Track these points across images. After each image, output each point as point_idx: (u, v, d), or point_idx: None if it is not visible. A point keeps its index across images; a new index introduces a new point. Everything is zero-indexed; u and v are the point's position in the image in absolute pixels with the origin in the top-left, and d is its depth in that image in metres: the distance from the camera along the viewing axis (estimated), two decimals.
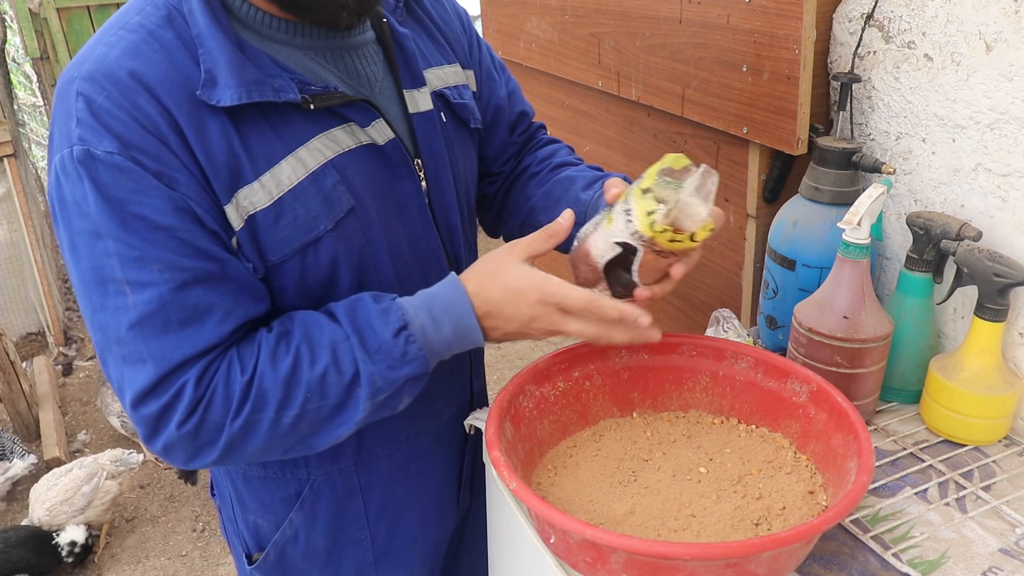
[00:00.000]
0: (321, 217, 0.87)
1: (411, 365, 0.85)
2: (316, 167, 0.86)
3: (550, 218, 1.08)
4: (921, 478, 0.97)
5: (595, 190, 1.07)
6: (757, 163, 1.31)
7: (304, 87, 0.85)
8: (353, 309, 0.86)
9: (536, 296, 0.84)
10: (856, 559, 0.85)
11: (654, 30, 1.43)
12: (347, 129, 0.90)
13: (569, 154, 1.20)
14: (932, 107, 1.09)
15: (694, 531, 0.84)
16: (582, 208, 1.06)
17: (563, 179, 1.12)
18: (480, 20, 2.15)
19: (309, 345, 0.83)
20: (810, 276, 1.15)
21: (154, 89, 0.79)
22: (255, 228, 0.84)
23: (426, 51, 1.04)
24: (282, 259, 0.86)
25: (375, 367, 0.83)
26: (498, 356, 3.50)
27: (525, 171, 1.19)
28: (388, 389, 0.85)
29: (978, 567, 0.83)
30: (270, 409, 0.81)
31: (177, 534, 2.62)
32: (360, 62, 0.95)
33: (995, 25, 0.98)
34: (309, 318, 0.86)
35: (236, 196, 0.82)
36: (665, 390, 1.04)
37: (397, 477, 1.07)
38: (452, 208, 1.03)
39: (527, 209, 1.16)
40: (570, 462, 0.96)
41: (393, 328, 0.84)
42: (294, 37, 0.89)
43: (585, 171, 1.12)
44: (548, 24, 1.78)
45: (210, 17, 0.82)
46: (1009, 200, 1.02)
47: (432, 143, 1.00)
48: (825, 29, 1.22)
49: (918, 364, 1.08)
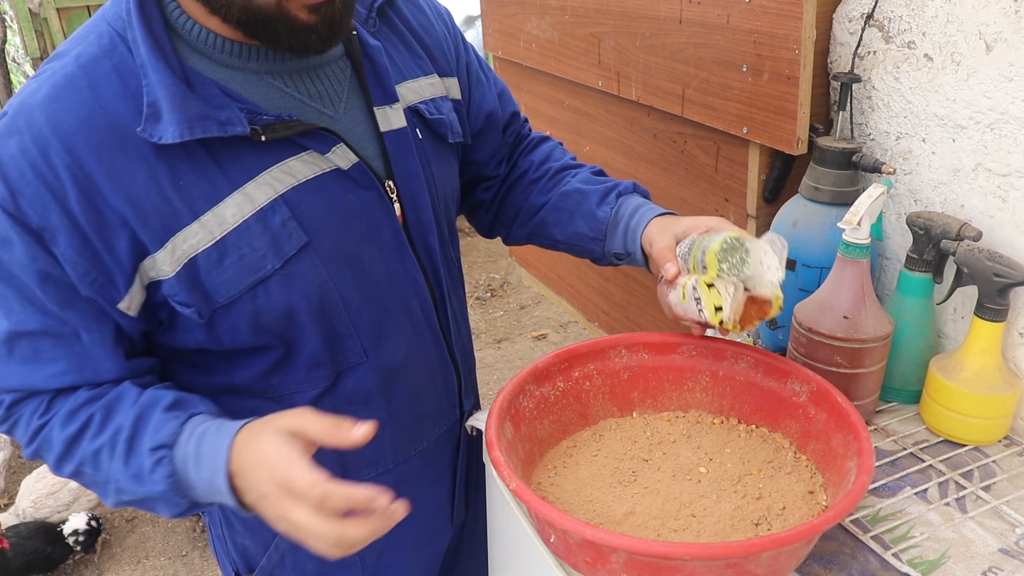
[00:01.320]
0: (268, 256, 0.84)
1: (156, 486, 0.81)
2: (264, 203, 0.83)
3: (564, 232, 1.12)
4: (921, 478, 0.97)
5: (610, 204, 1.08)
6: (757, 163, 1.31)
7: (255, 117, 0.82)
8: (152, 404, 0.84)
9: (267, 471, 0.73)
10: (856, 559, 0.85)
11: (654, 30, 1.43)
12: (305, 158, 0.86)
13: (563, 154, 1.19)
14: (932, 107, 1.09)
15: (694, 531, 0.84)
16: (600, 227, 1.08)
17: (573, 192, 1.10)
18: (480, 20, 2.15)
19: (102, 418, 0.84)
20: (810, 276, 1.15)
21: (70, 139, 0.77)
22: (196, 270, 0.83)
23: (401, 63, 1.00)
24: (230, 299, 0.85)
25: (125, 471, 0.82)
26: (498, 356, 3.50)
27: (523, 176, 1.16)
28: (129, 495, 0.84)
29: (978, 567, 0.83)
30: (51, 457, 0.86)
31: (177, 534, 2.62)
32: (324, 81, 0.91)
33: (995, 25, 0.98)
34: (123, 393, 0.85)
35: (173, 240, 0.81)
36: (665, 390, 1.04)
37: None
38: (430, 228, 0.99)
39: (536, 221, 1.14)
40: (570, 462, 0.96)
41: (155, 442, 0.81)
42: (248, 61, 0.85)
43: (591, 181, 1.11)
44: (548, 24, 1.78)
45: (152, 47, 0.79)
46: (1009, 200, 1.02)
47: (406, 162, 0.96)
48: (825, 29, 1.22)
49: (918, 364, 1.08)
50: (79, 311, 0.82)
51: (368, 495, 0.70)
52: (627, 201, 1.08)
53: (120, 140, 0.78)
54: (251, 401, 0.96)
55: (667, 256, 0.97)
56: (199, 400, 0.87)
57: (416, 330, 1.00)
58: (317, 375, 0.94)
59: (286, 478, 0.71)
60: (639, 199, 1.09)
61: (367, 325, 0.94)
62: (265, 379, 0.94)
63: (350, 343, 0.94)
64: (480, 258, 4.45)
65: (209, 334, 0.88)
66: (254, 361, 0.92)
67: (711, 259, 0.87)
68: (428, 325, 1.02)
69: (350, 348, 0.94)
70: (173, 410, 0.83)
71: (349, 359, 0.95)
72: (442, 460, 1.12)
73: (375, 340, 0.96)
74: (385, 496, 0.71)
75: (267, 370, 0.93)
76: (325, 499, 0.70)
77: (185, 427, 0.81)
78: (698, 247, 0.92)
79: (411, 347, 1.00)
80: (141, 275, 0.82)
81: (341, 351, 0.94)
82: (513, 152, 1.19)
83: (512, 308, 3.92)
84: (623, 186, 1.10)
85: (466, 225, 4.77)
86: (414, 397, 1.03)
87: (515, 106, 1.19)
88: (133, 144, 0.78)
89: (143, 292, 0.84)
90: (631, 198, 1.08)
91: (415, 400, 1.03)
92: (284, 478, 0.72)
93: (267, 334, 0.89)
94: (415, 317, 1.00)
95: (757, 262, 0.85)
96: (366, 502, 0.70)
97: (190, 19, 0.82)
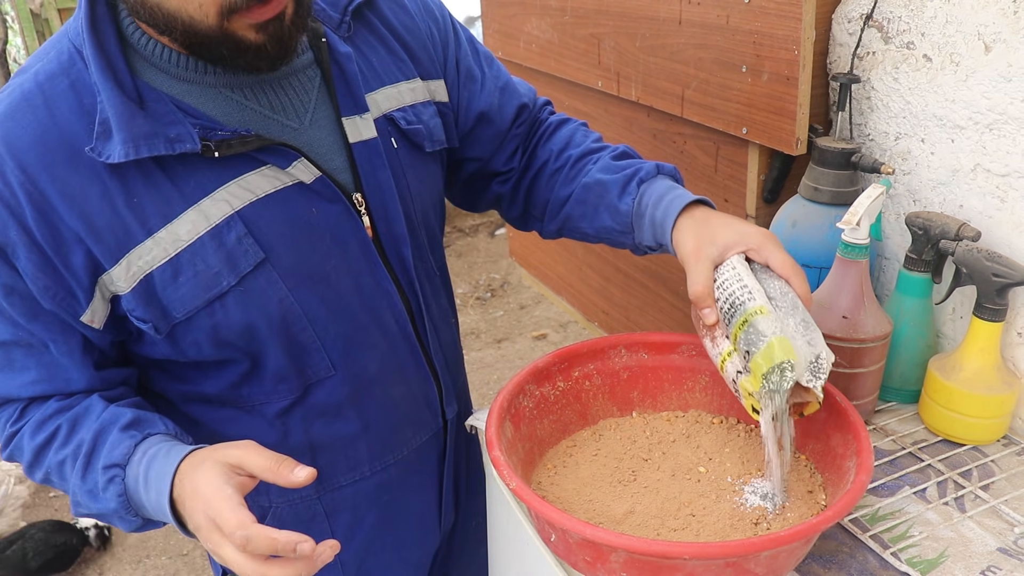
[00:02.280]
0: (223, 273, 0.84)
1: (108, 503, 0.83)
2: (219, 220, 0.83)
3: (592, 226, 1.05)
4: (920, 477, 0.97)
5: (631, 195, 1.00)
6: (756, 163, 1.32)
7: (210, 133, 0.81)
8: (112, 421, 0.85)
9: (201, 505, 0.75)
10: (855, 558, 0.86)
11: (654, 31, 1.43)
12: (265, 172, 0.85)
13: (585, 138, 1.11)
14: (931, 107, 1.09)
15: (693, 530, 0.84)
16: (625, 220, 1.01)
17: (593, 184, 1.04)
18: (480, 20, 2.15)
19: (68, 430, 0.86)
20: (809, 276, 1.15)
21: (24, 156, 0.78)
22: (152, 286, 0.83)
23: (380, 67, 0.97)
24: (187, 315, 0.85)
25: (82, 485, 0.84)
26: (498, 356, 3.50)
27: (544, 167, 1.10)
28: (86, 509, 0.86)
29: (977, 566, 0.83)
30: (23, 463, 0.89)
31: (178, 533, 2.61)
32: (290, 92, 0.89)
33: (994, 26, 0.99)
34: (90, 407, 0.87)
35: (128, 257, 0.81)
36: (664, 390, 1.04)
37: (365, 505, 1.05)
38: (403, 239, 0.97)
39: (563, 215, 1.08)
40: (570, 461, 0.96)
41: (109, 460, 0.82)
42: (205, 75, 0.83)
43: (612, 168, 1.04)
44: (548, 25, 1.78)
45: (102, 65, 0.79)
46: (1008, 200, 1.02)
47: (376, 173, 0.93)
48: (824, 30, 1.22)
49: (917, 364, 1.08)
50: (44, 323, 0.84)
51: (290, 540, 0.71)
52: (650, 189, 1.00)
53: (73, 158, 0.78)
54: (223, 410, 0.96)
55: (705, 301, 0.89)
56: (158, 419, 0.88)
57: (390, 342, 0.99)
58: (284, 387, 0.94)
59: (216, 515, 0.73)
60: (663, 185, 1.00)
61: (334, 339, 0.93)
62: (234, 389, 0.94)
63: (317, 357, 0.93)
64: (480, 258, 4.45)
65: (172, 347, 0.88)
66: (222, 372, 0.93)
67: (755, 374, 0.82)
68: (404, 337, 1.00)
69: (317, 362, 0.94)
70: (130, 429, 0.84)
71: (317, 372, 0.94)
72: (426, 467, 1.10)
73: (344, 353, 0.95)
74: (307, 542, 0.71)
75: (235, 381, 0.93)
76: (248, 541, 0.71)
77: (139, 447, 0.83)
78: (739, 328, 0.85)
79: (385, 359, 0.99)
80: (101, 289, 0.83)
81: (308, 364, 0.93)
82: (528, 142, 1.13)
83: (512, 308, 3.92)
84: (645, 171, 1.02)
85: (466, 225, 4.77)
86: (390, 408, 1.02)
87: (522, 98, 1.12)
88: (86, 162, 0.78)
89: (107, 305, 0.84)
90: (654, 184, 1.00)
91: (391, 410, 1.02)
92: (215, 515, 0.73)
93: (229, 348, 0.89)
94: (389, 329, 0.98)
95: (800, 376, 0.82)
96: (288, 547, 0.71)
97: (145, 34, 0.82)
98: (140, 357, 0.92)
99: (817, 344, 0.83)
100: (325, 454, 1.00)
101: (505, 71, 1.14)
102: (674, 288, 1.60)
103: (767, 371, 0.81)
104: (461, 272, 4.27)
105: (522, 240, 2.27)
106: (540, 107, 1.16)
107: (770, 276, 0.90)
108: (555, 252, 2.08)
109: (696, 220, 0.95)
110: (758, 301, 0.85)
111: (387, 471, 1.05)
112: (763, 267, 0.91)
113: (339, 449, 1.01)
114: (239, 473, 0.76)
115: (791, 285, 0.88)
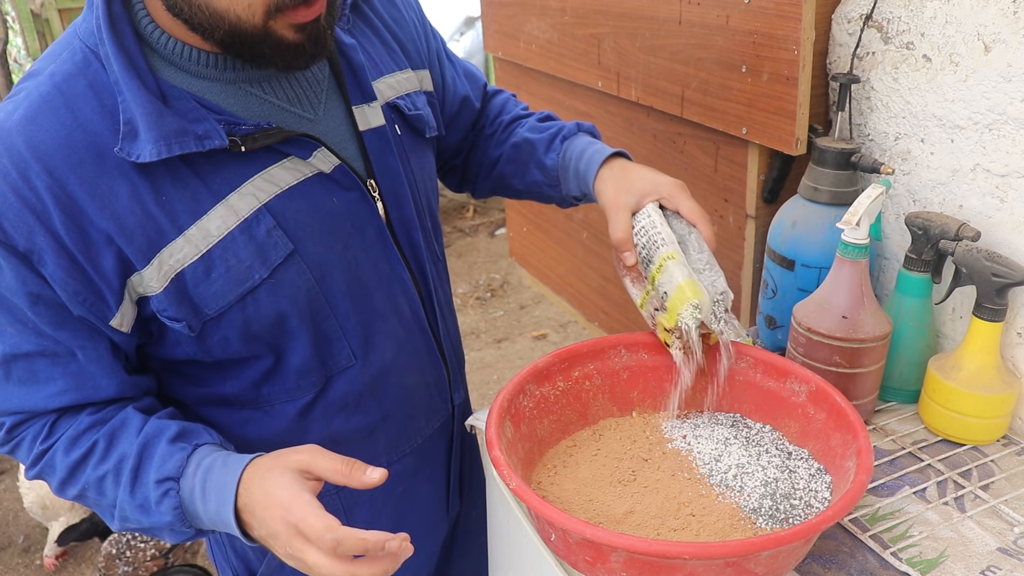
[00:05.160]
0: (255, 266, 0.84)
1: (163, 517, 0.82)
2: (248, 214, 0.83)
3: (523, 182, 1.18)
4: (920, 477, 0.97)
5: (556, 151, 1.12)
6: (756, 163, 1.32)
7: (234, 128, 0.82)
8: (157, 434, 0.84)
9: (279, 512, 0.75)
10: (855, 558, 0.86)
11: (654, 31, 1.43)
12: (287, 164, 0.86)
13: (515, 106, 1.23)
14: (931, 108, 1.09)
15: (693, 530, 0.84)
16: (552, 173, 1.13)
17: (522, 143, 1.15)
18: (480, 20, 2.16)
19: (106, 445, 0.85)
20: (809, 276, 1.15)
21: (50, 159, 0.77)
22: (184, 284, 0.83)
23: (377, 58, 0.99)
24: (220, 311, 0.85)
25: (131, 500, 0.83)
26: (498, 356, 3.50)
27: (481, 132, 1.20)
28: (135, 524, 0.85)
29: (976, 566, 0.83)
30: (54, 481, 0.87)
31: None
32: (303, 84, 0.90)
33: (993, 26, 0.99)
34: (127, 420, 0.86)
35: (160, 256, 0.81)
36: (665, 389, 1.04)
37: (383, 498, 1.06)
38: (413, 224, 0.99)
39: (496, 174, 1.19)
40: (570, 461, 0.96)
41: (161, 474, 0.81)
42: (224, 72, 0.84)
43: (538, 129, 1.16)
44: (548, 25, 1.78)
45: (125, 63, 0.78)
46: (1007, 200, 1.02)
47: (386, 160, 0.96)
48: (824, 30, 1.22)
49: (917, 364, 1.08)
50: (72, 330, 0.82)
51: (379, 539, 0.72)
52: (572, 144, 1.12)
53: (100, 158, 0.78)
54: (242, 412, 0.96)
55: (625, 245, 1.00)
56: (203, 430, 0.87)
57: (405, 328, 1.01)
58: (307, 382, 0.94)
59: (299, 521, 0.73)
60: (584, 140, 1.12)
61: (355, 327, 0.94)
62: (255, 389, 0.94)
63: (339, 346, 0.94)
64: (480, 258, 4.45)
65: (199, 346, 0.88)
66: (244, 371, 0.93)
67: (671, 312, 0.95)
68: (416, 322, 1.02)
69: (339, 351, 0.94)
70: (179, 441, 0.83)
71: (339, 362, 0.95)
72: (436, 456, 1.12)
73: (364, 341, 0.96)
74: (396, 539, 0.73)
75: (257, 380, 0.93)
76: (338, 544, 0.71)
77: (191, 459, 0.82)
78: (656, 271, 0.97)
79: (400, 346, 1.00)
80: (130, 291, 0.82)
81: (330, 355, 0.94)
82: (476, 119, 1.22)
83: (512, 308, 3.92)
84: (567, 129, 1.14)
85: (466, 225, 4.77)
86: (406, 395, 1.03)
87: (483, 78, 1.23)
88: (113, 162, 0.78)
89: (134, 308, 0.84)
90: (576, 140, 1.12)
91: (407, 398, 1.04)
92: (297, 521, 0.73)
93: (257, 343, 0.89)
94: (403, 315, 1.00)
95: (708, 315, 0.94)
96: (378, 546, 0.72)
97: (163, 32, 0.81)
98: (157, 361, 0.92)
99: (719, 283, 0.96)
100: (343, 449, 0.99)
101: (459, 58, 1.22)
102: None
103: (680, 310, 0.93)
104: (461, 272, 4.27)
105: (522, 240, 2.27)
106: (481, 86, 1.25)
107: (680, 222, 1.02)
108: (555, 252, 2.08)
109: (615, 171, 1.05)
110: (670, 247, 0.97)
111: (403, 461, 1.06)
112: (674, 213, 1.02)
113: (357, 442, 1.01)
114: (308, 477, 0.77)
115: (698, 228, 0.99)
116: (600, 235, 1.85)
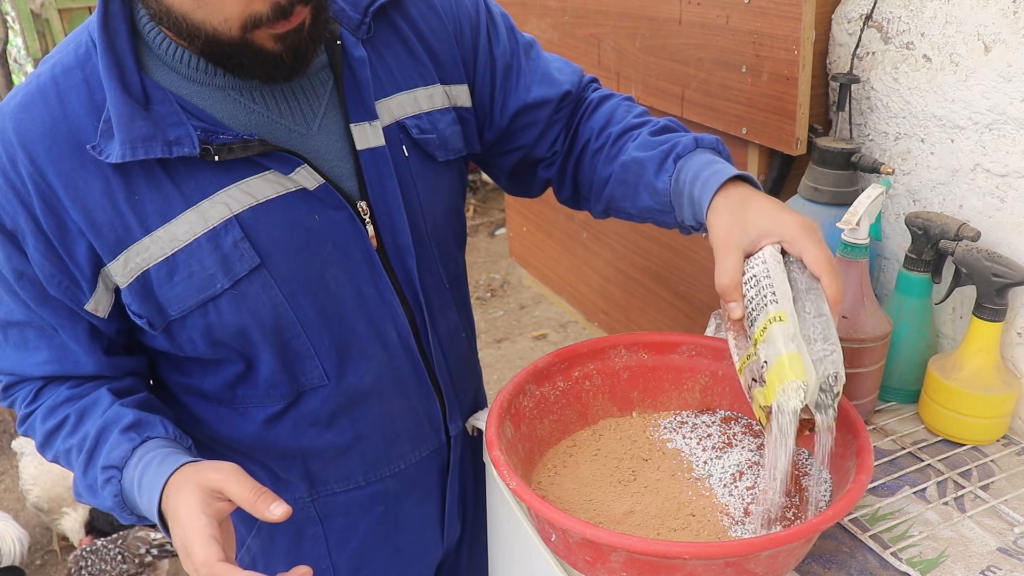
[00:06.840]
0: (218, 275, 0.85)
1: (105, 500, 0.86)
2: (217, 223, 0.83)
3: (635, 206, 1.00)
4: (920, 477, 0.97)
5: (668, 172, 0.94)
6: (756, 163, 1.32)
7: (212, 136, 0.81)
8: (115, 421, 0.86)
9: (179, 530, 0.76)
10: (855, 558, 0.86)
11: (654, 31, 1.43)
12: (268, 176, 0.85)
13: (626, 113, 1.04)
14: (931, 108, 1.09)
15: (693, 530, 0.84)
16: (664, 199, 0.95)
17: (631, 163, 0.97)
18: None
19: (75, 421, 0.88)
20: None
21: (34, 148, 0.80)
22: (149, 283, 0.84)
23: (398, 71, 0.94)
24: (182, 314, 0.86)
25: (83, 480, 0.88)
26: (498, 356, 3.50)
27: (586, 147, 1.04)
28: (87, 500, 0.89)
29: (976, 566, 0.83)
30: (36, 442, 0.93)
31: None
32: (299, 96, 0.88)
33: (993, 26, 0.99)
34: (98, 400, 0.89)
35: (127, 252, 0.83)
36: (664, 390, 1.04)
37: (359, 513, 1.05)
38: (408, 250, 0.95)
39: (606, 196, 1.03)
40: (570, 461, 0.96)
41: (107, 461, 0.84)
42: (214, 77, 0.83)
43: (649, 145, 0.97)
44: (548, 24, 1.78)
45: (109, 62, 0.79)
46: (1007, 200, 1.02)
47: (383, 182, 0.92)
48: (824, 30, 1.22)
49: (917, 364, 1.08)
50: (52, 308, 0.86)
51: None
52: (687, 164, 0.93)
53: (78, 152, 0.80)
54: (219, 409, 0.97)
55: (731, 295, 0.84)
56: (159, 422, 0.88)
57: (390, 354, 0.97)
58: (277, 393, 0.94)
59: (188, 545, 0.75)
60: (701, 159, 0.93)
61: (329, 348, 0.93)
62: (230, 389, 0.95)
63: (310, 364, 0.93)
64: (480, 258, 4.45)
65: (170, 342, 0.90)
66: (219, 370, 0.94)
67: (769, 388, 0.78)
68: (405, 349, 0.98)
69: (310, 369, 0.93)
70: (129, 431, 0.85)
71: (310, 380, 0.94)
72: (427, 481, 1.09)
73: (338, 363, 0.94)
74: None
75: (231, 381, 0.94)
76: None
77: (137, 451, 0.84)
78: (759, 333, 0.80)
79: (382, 371, 0.97)
80: (104, 280, 0.85)
81: (301, 371, 0.93)
82: (571, 122, 1.07)
83: (512, 308, 3.92)
84: (682, 146, 0.94)
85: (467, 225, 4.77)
86: (386, 420, 1.01)
87: (563, 85, 1.04)
88: (90, 157, 0.80)
89: (111, 295, 0.86)
90: (692, 159, 0.93)
91: (388, 423, 1.01)
92: (187, 545, 0.75)
93: (223, 348, 0.90)
94: (389, 341, 0.97)
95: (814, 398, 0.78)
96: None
97: (159, 32, 0.82)
98: (147, 347, 0.94)
99: (831, 361, 0.78)
100: (316, 461, 1.00)
101: (546, 58, 1.07)
102: (674, 288, 1.60)
103: (778, 388, 0.77)
104: None
105: (522, 240, 2.27)
106: (584, 86, 1.08)
107: (803, 272, 0.84)
108: (555, 252, 2.08)
109: (732, 202, 0.87)
110: (780, 306, 0.79)
111: (383, 482, 1.05)
112: (797, 260, 0.84)
113: (331, 458, 1.00)
114: (218, 498, 0.77)
115: (822, 283, 0.81)
116: (600, 235, 1.85)
